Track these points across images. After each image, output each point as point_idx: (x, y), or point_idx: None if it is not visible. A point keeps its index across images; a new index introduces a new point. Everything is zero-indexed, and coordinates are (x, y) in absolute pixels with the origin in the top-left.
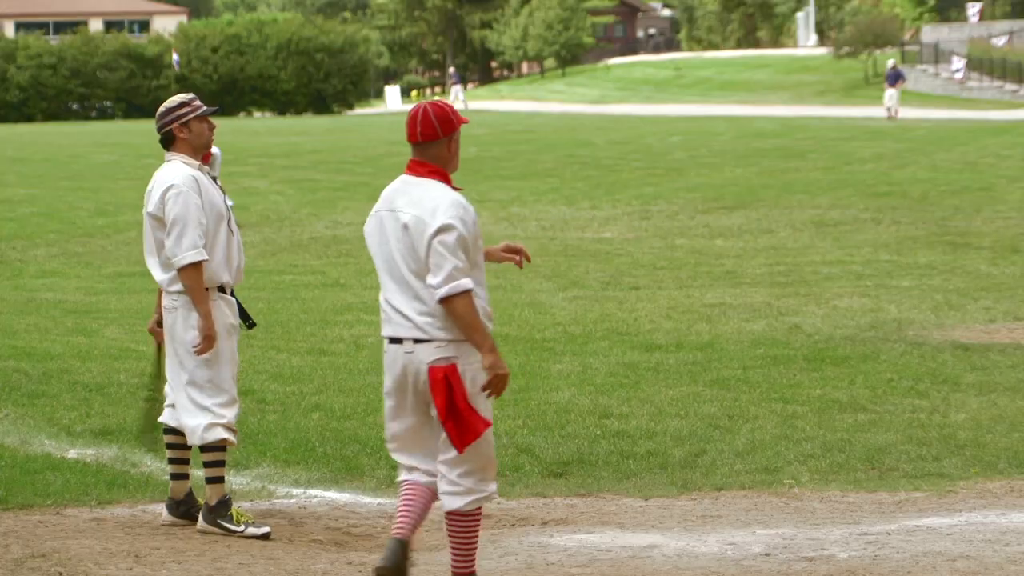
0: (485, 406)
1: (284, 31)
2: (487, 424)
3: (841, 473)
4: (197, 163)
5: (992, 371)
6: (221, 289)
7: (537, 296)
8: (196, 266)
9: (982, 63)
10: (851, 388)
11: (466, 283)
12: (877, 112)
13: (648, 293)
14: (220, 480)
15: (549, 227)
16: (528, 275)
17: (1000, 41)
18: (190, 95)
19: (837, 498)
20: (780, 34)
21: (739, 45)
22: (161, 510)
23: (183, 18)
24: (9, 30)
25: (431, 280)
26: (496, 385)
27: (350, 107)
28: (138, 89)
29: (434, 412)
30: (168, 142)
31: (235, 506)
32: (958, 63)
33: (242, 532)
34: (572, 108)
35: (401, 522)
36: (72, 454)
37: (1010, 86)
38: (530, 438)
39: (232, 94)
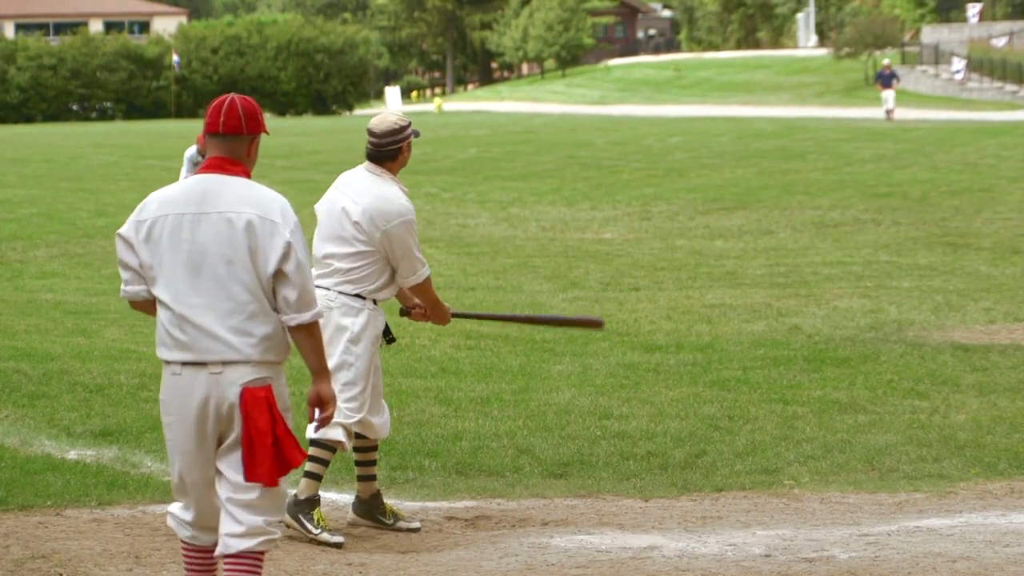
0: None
1: (284, 32)
2: (304, 455)
3: (841, 474)
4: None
5: (992, 372)
6: (374, 301)
7: (537, 297)
8: (424, 282)
9: (982, 64)
10: (851, 389)
11: (321, 308)
12: (877, 113)
13: (648, 294)
14: (318, 478)
15: (549, 228)
16: (528, 276)
17: (1000, 42)
18: (407, 117)
19: (837, 499)
20: (780, 35)
21: (739, 46)
22: (161, 511)
23: (183, 19)
24: (9, 31)
25: (290, 299)
26: (332, 414)
27: (350, 108)
28: (138, 90)
29: (230, 442)
30: (387, 159)
31: (320, 509)
32: (958, 64)
33: (317, 535)
34: (572, 109)
35: None
36: (72, 455)
37: (1010, 87)
38: (530, 439)
39: None
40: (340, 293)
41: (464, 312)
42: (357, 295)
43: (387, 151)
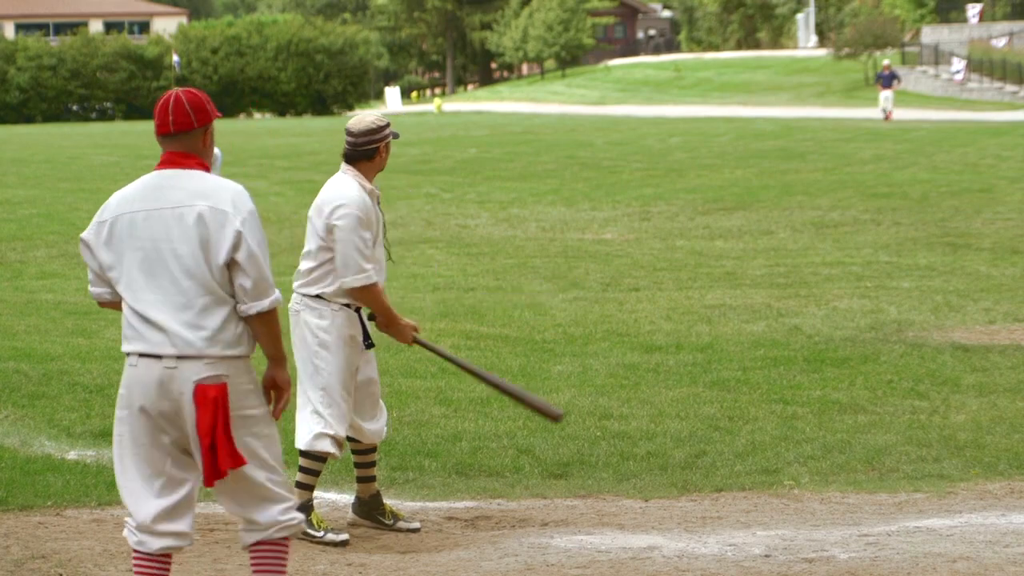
0: (265, 431)
1: (284, 32)
2: (237, 463)
3: (841, 474)
4: (371, 185)
5: (992, 372)
6: (347, 304)
7: (537, 297)
8: (363, 289)
9: (982, 64)
10: (851, 389)
11: (279, 295)
12: (876, 114)
13: (648, 294)
14: (309, 489)
15: (549, 228)
16: (528, 276)
17: (1000, 42)
18: (385, 118)
19: (837, 499)
20: (780, 35)
21: (739, 46)
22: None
23: (183, 19)
24: (9, 31)
25: (246, 286)
26: (288, 400)
27: (350, 108)
28: (138, 90)
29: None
30: (363, 158)
31: (315, 511)
32: (958, 64)
33: (321, 537)
34: (572, 109)
35: None
36: (72, 455)
37: (1010, 87)
38: (530, 439)
39: (232, 95)
40: (303, 296)
41: (431, 345)
42: (318, 296)
43: (363, 151)
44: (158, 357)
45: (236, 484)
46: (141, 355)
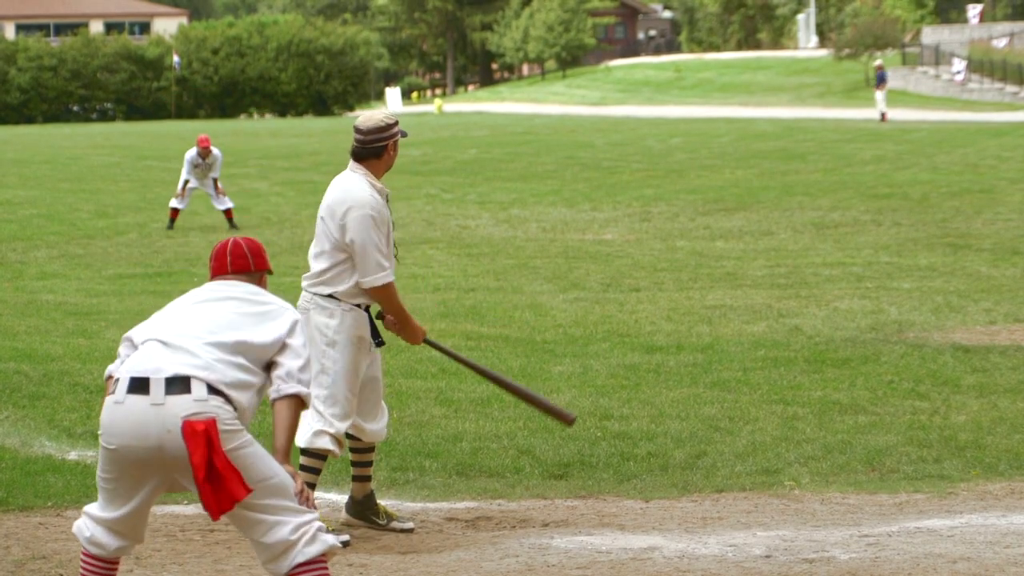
0: (252, 455)
1: (285, 33)
2: (248, 490)
3: (842, 475)
4: (380, 183)
5: (993, 373)
6: (358, 304)
7: (538, 298)
8: (383, 287)
9: (982, 65)
10: (852, 390)
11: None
12: (874, 115)
13: (648, 295)
14: (311, 487)
15: (549, 229)
16: (529, 277)
17: (1000, 43)
18: (394, 117)
19: (838, 500)
20: (781, 36)
21: (740, 47)
22: (161, 512)
23: (184, 20)
24: (10, 32)
25: (292, 367)
26: (307, 491)
27: (350, 109)
28: (138, 91)
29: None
30: (372, 156)
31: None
32: (958, 65)
33: None
34: (572, 110)
35: None
36: (73, 456)
37: (1010, 88)
38: (531, 440)
39: (232, 96)
40: (315, 295)
41: (439, 344)
42: (331, 296)
43: (372, 148)
44: (146, 391)
45: (242, 513)
46: (129, 389)
